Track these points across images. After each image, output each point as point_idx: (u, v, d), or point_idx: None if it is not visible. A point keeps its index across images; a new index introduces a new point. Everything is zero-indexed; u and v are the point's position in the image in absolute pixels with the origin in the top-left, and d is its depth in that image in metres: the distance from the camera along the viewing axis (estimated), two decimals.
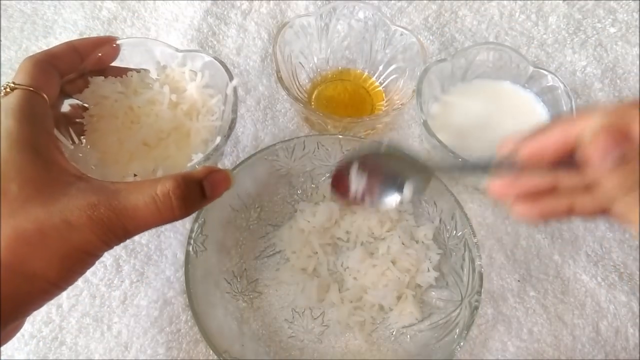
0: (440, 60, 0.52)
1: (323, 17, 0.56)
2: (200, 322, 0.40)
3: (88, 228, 0.27)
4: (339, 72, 0.59)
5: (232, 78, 0.39)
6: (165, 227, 0.50)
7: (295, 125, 0.57)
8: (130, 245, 0.50)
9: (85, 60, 0.36)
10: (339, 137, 0.48)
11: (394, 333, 0.45)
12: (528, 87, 0.54)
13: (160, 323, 0.46)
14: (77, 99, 0.37)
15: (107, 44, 0.37)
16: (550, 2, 0.67)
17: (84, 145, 0.37)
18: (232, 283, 0.46)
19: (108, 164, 0.36)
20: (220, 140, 0.36)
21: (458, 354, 0.40)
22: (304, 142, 0.48)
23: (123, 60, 0.39)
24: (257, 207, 0.50)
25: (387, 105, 0.56)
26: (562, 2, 0.67)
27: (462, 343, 0.39)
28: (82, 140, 0.37)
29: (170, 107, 0.38)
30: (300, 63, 0.57)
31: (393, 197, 0.35)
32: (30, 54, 0.36)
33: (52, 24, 0.65)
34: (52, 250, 0.26)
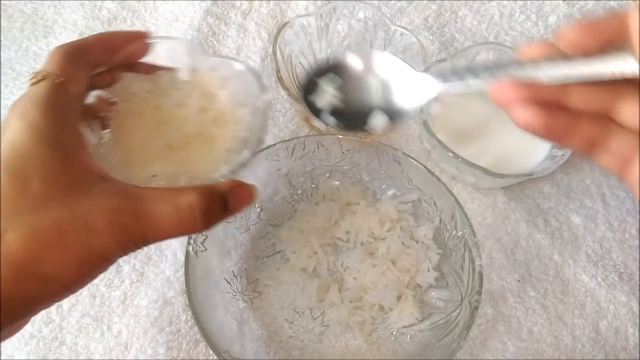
0: (440, 60, 0.52)
1: (323, 17, 0.56)
2: (200, 322, 0.40)
3: (107, 233, 0.26)
4: None
5: (264, 90, 0.38)
6: None
7: (295, 125, 0.57)
8: None
9: (116, 54, 0.35)
10: (339, 137, 0.48)
11: (394, 333, 0.45)
12: None
13: (160, 323, 0.46)
14: (104, 93, 0.36)
15: (139, 39, 0.36)
16: (550, 2, 0.67)
17: (107, 141, 0.36)
18: (232, 283, 0.46)
19: (129, 163, 0.35)
20: (248, 156, 0.35)
21: (458, 354, 0.40)
22: (304, 142, 0.48)
23: (153, 58, 0.38)
24: (257, 207, 0.50)
25: None
26: (562, 2, 0.67)
27: (462, 343, 0.39)
28: (105, 135, 0.36)
29: (198, 111, 0.37)
30: (300, 63, 0.57)
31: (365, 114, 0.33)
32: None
33: (52, 24, 0.65)
34: (68, 253, 0.25)
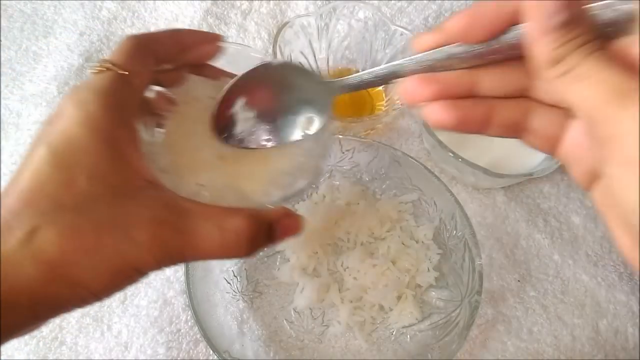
0: None
1: (323, 17, 0.56)
2: (200, 322, 0.40)
3: (147, 246, 0.25)
4: (339, 72, 0.59)
5: (331, 116, 0.35)
6: None
7: None
8: None
9: (186, 53, 0.33)
10: (339, 137, 0.48)
11: (394, 333, 0.45)
12: None
13: (160, 323, 0.46)
14: (167, 91, 0.35)
15: (212, 42, 0.34)
16: None
17: (160, 142, 0.34)
18: (232, 283, 0.46)
19: (178, 168, 0.33)
20: (304, 185, 0.33)
21: (458, 354, 0.40)
22: None
23: (221, 62, 0.36)
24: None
25: (387, 105, 0.56)
26: None
27: (462, 343, 0.39)
28: (158, 135, 0.34)
29: None
30: (300, 63, 0.57)
31: (295, 129, 0.32)
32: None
33: (52, 24, 0.65)
34: (103, 262, 0.24)
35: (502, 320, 0.47)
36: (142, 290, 0.47)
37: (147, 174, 0.27)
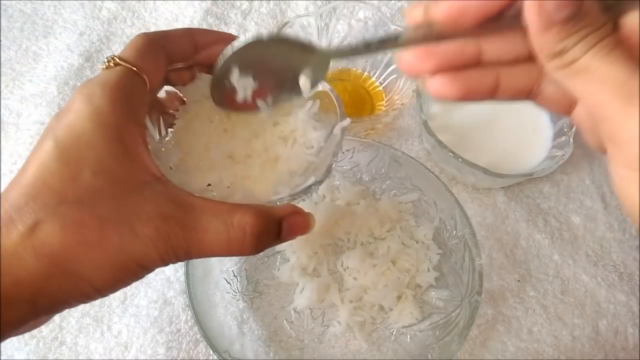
0: None
1: (323, 17, 0.56)
2: (200, 322, 0.40)
3: (151, 241, 0.24)
4: (339, 72, 0.59)
5: (343, 117, 0.36)
6: None
7: None
8: None
9: (199, 52, 0.33)
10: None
11: (394, 333, 0.45)
12: None
13: (160, 323, 0.46)
14: (178, 91, 0.35)
15: (226, 42, 0.33)
16: None
17: (169, 140, 0.34)
18: (232, 283, 0.47)
19: (187, 167, 0.33)
20: (314, 184, 0.33)
21: (458, 354, 0.40)
22: None
23: None
24: None
25: (387, 105, 0.56)
26: None
27: (462, 343, 0.39)
28: (168, 133, 0.34)
29: (268, 124, 0.35)
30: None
31: (290, 91, 0.32)
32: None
33: (52, 24, 0.65)
34: (106, 256, 0.24)
35: (502, 320, 0.47)
36: (142, 290, 0.47)
37: (154, 169, 0.27)
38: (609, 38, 0.21)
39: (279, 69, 0.32)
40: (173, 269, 0.48)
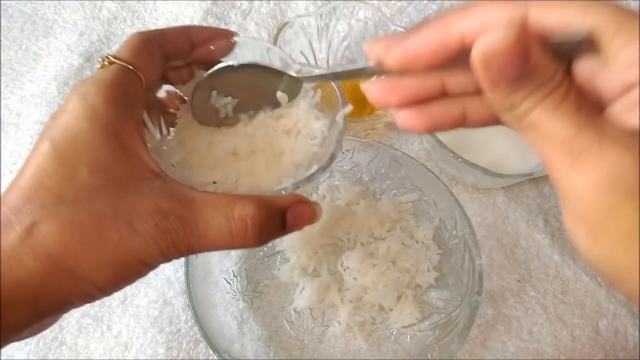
0: None
1: (323, 17, 0.56)
2: (200, 322, 0.40)
3: (151, 237, 0.24)
4: None
5: (345, 105, 0.35)
6: None
7: None
8: None
9: (196, 50, 0.33)
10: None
11: (394, 333, 0.45)
12: None
13: (160, 323, 0.46)
14: (177, 89, 0.35)
15: (223, 38, 0.34)
16: None
17: (171, 140, 0.34)
18: (232, 283, 0.47)
19: (190, 166, 0.33)
20: (317, 171, 0.32)
21: (458, 354, 0.40)
22: None
23: (232, 59, 0.35)
24: None
25: None
26: None
27: (462, 343, 0.39)
28: (170, 132, 0.34)
29: (271, 119, 0.35)
30: (300, 63, 0.57)
31: (270, 103, 0.33)
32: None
33: (52, 24, 0.65)
34: (106, 254, 0.23)
35: (502, 320, 0.47)
36: (142, 290, 0.47)
37: (152, 166, 0.27)
38: (558, 91, 0.21)
39: (256, 87, 0.32)
40: (173, 269, 0.48)
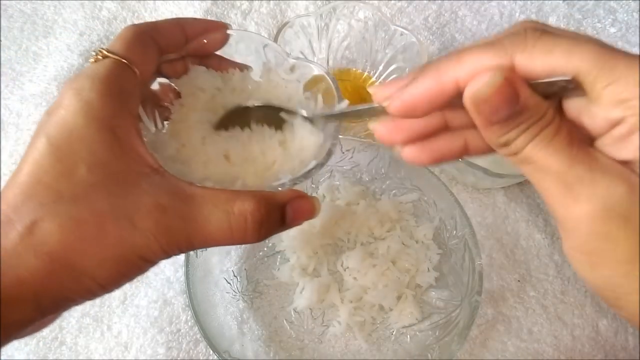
0: None
1: (323, 17, 0.56)
2: (200, 322, 0.40)
3: (152, 233, 0.24)
4: (339, 72, 0.59)
5: (341, 99, 0.36)
6: None
7: None
8: None
9: (190, 42, 0.33)
10: (340, 137, 0.48)
11: (394, 333, 0.45)
12: None
13: (160, 323, 0.46)
14: (171, 82, 0.34)
15: (217, 30, 0.34)
16: (550, 2, 0.67)
17: (165, 133, 0.33)
18: (232, 283, 0.46)
19: (185, 158, 0.33)
20: (315, 167, 0.32)
21: (458, 354, 0.40)
22: None
23: (226, 52, 0.36)
24: None
25: None
26: (562, 2, 0.67)
27: (462, 343, 0.39)
28: (165, 126, 0.34)
29: (267, 130, 0.35)
30: (296, 57, 0.57)
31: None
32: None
33: (52, 24, 0.65)
34: (107, 251, 0.23)
35: (502, 320, 0.47)
36: (142, 290, 0.47)
37: (150, 160, 0.26)
38: (550, 127, 0.22)
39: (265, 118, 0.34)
40: (173, 269, 0.48)
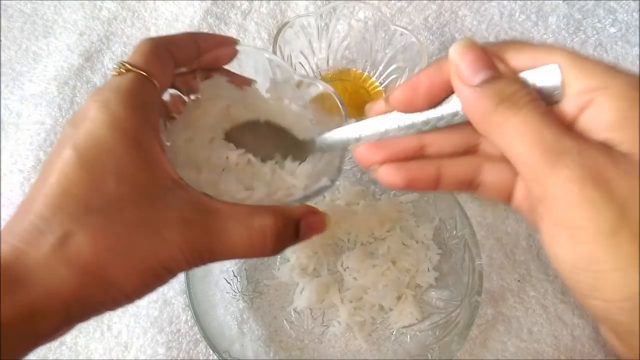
0: None
1: (323, 17, 0.56)
2: (200, 322, 0.40)
3: (178, 246, 0.25)
4: (339, 72, 0.59)
5: (348, 116, 0.36)
6: None
7: None
8: None
9: (203, 56, 0.33)
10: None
11: (394, 333, 0.45)
12: None
13: (160, 323, 0.46)
14: (184, 92, 0.35)
15: (228, 45, 0.35)
16: (550, 2, 0.67)
17: (177, 121, 0.34)
18: (232, 283, 0.47)
19: (199, 165, 0.33)
20: (326, 184, 0.33)
21: (458, 354, 0.40)
22: None
23: (233, 66, 0.36)
24: None
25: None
26: (562, 2, 0.67)
27: (462, 343, 0.39)
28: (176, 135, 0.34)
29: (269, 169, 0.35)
30: (300, 63, 0.57)
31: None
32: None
33: (52, 24, 0.65)
34: (135, 262, 0.24)
35: (502, 320, 0.47)
36: None
37: (173, 174, 0.27)
38: (538, 103, 0.23)
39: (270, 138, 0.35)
40: None
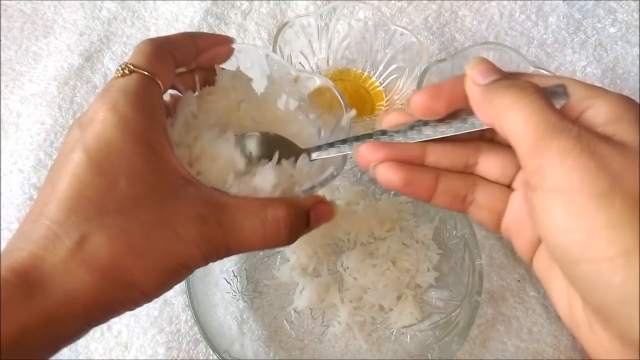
0: (440, 60, 0.52)
1: (323, 17, 0.56)
2: (200, 322, 0.40)
3: (194, 242, 0.25)
4: (339, 72, 0.59)
5: (348, 109, 0.37)
6: None
7: None
8: None
9: (201, 55, 0.34)
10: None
11: (394, 333, 0.45)
12: None
13: (160, 323, 0.46)
14: (183, 93, 0.35)
15: (225, 44, 0.35)
16: (550, 2, 0.67)
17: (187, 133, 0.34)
18: (232, 283, 0.47)
19: (206, 160, 0.32)
20: (333, 173, 0.34)
21: (458, 354, 0.40)
22: None
23: (230, 64, 0.36)
24: None
25: (387, 106, 0.56)
26: (562, 2, 0.67)
27: (462, 343, 0.39)
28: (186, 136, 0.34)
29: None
30: (300, 63, 0.57)
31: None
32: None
33: (52, 24, 0.65)
34: (154, 261, 0.24)
35: (502, 320, 0.47)
36: None
37: (183, 172, 0.27)
38: (543, 95, 0.23)
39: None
40: None
